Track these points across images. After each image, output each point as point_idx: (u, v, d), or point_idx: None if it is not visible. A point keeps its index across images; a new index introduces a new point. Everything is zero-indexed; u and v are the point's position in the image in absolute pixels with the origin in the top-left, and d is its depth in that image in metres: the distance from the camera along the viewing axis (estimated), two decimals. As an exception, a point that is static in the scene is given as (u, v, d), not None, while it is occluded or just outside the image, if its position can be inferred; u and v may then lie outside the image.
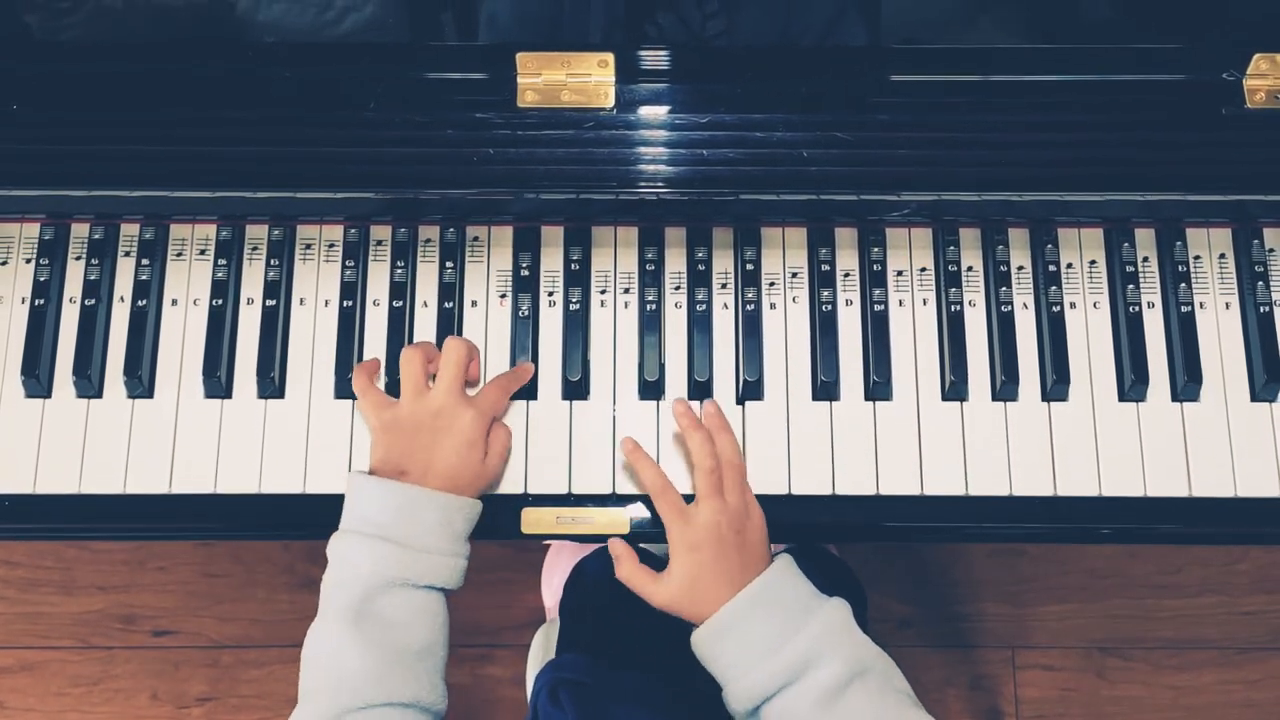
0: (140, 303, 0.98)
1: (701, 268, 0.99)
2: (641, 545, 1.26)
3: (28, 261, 0.99)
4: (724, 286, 0.99)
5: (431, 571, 0.87)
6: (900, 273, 1.00)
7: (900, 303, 0.99)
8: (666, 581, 0.90)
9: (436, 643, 0.88)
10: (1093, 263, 1.00)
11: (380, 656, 0.83)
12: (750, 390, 0.97)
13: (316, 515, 0.95)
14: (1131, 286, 0.98)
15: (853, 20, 0.95)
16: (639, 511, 0.95)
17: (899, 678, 0.86)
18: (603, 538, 0.96)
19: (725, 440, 0.93)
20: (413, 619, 0.86)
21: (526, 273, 0.99)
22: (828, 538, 1.29)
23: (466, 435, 0.90)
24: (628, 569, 0.92)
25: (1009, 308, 0.98)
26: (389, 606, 0.85)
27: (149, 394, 0.97)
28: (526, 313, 0.98)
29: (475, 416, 0.91)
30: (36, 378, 0.96)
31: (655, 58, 0.94)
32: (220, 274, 0.99)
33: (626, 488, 0.95)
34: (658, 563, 0.93)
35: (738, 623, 0.86)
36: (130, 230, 1.00)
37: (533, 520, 0.95)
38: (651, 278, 0.99)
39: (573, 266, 0.99)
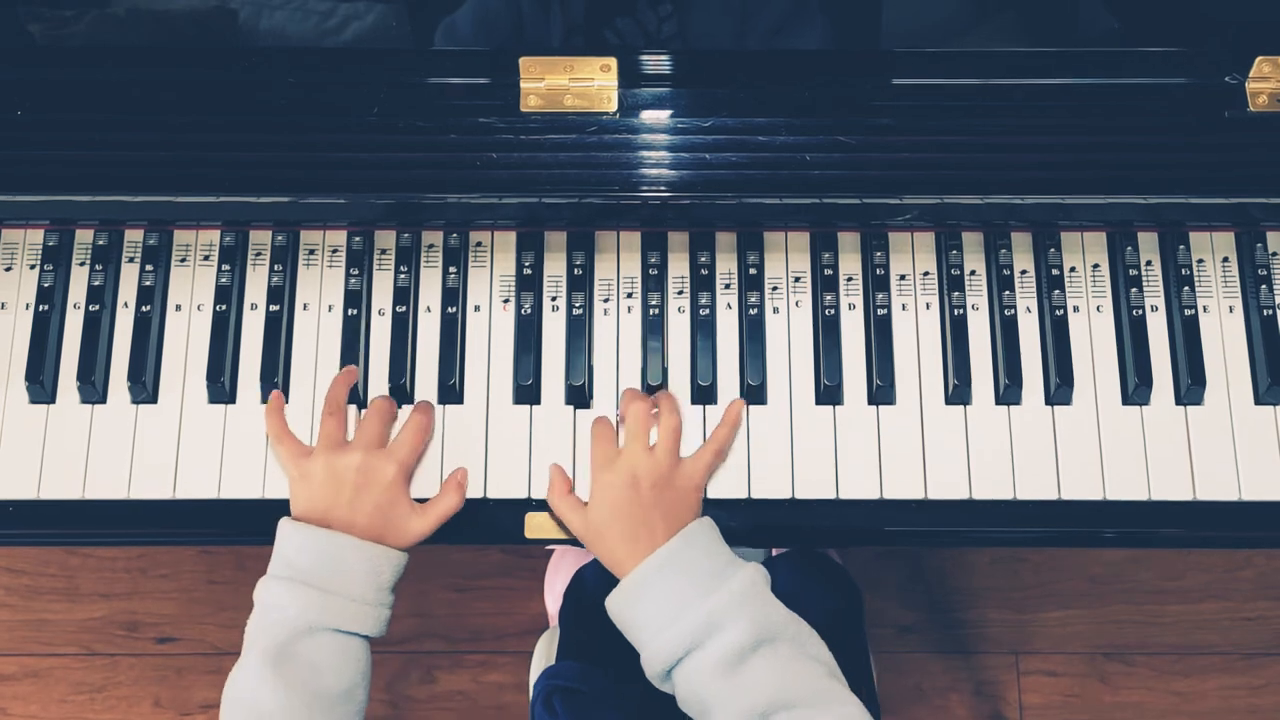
0: (144, 308, 0.98)
1: (704, 272, 0.99)
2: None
3: (32, 267, 1.00)
4: (727, 290, 0.99)
5: (356, 619, 0.87)
6: (903, 276, 1.00)
7: (903, 307, 0.99)
8: (584, 511, 0.92)
9: (357, 687, 0.88)
10: (1096, 266, 1.00)
11: (300, 699, 0.84)
12: (753, 394, 0.97)
13: (320, 520, 0.95)
14: (1135, 290, 0.98)
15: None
16: (643, 516, 0.95)
17: (816, 646, 0.86)
18: (606, 542, 0.96)
19: (665, 399, 0.94)
20: (335, 663, 0.86)
21: (529, 277, 0.99)
22: (831, 542, 1.29)
23: (389, 492, 0.90)
24: (555, 494, 0.94)
25: (1012, 311, 0.98)
26: (311, 650, 0.86)
27: (153, 399, 0.97)
28: (530, 317, 0.98)
29: (396, 471, 0.91)
30: (41, 383, 0.96)
31: (658, 62, 0.95)
32: (224, 279, 0.99)
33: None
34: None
35: (648, 585, 0.86)
36: (134, 236, 1.00)
37: (536, 525, 0.95)
38: (654, 282, 0.99)
39: (575, 271, 0.99)
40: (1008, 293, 0.98)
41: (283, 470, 0.94)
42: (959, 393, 0.96)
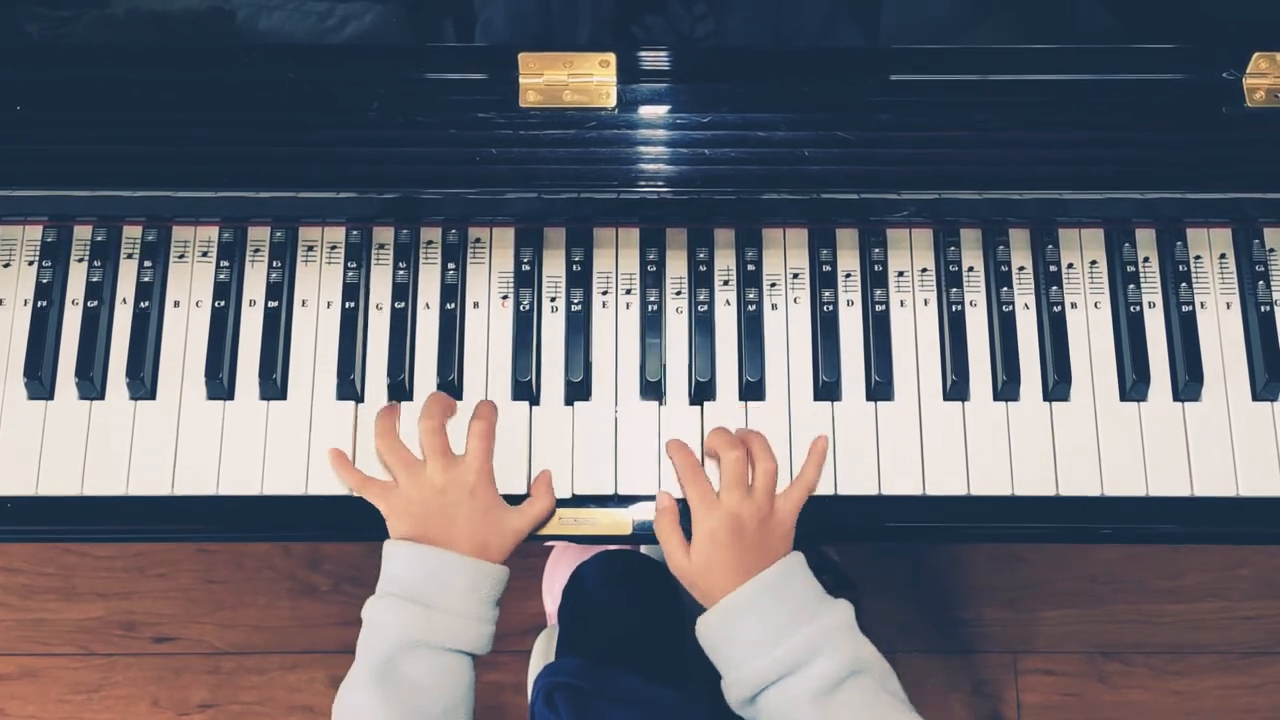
0: (142, 304, 0.98)
1: (703, 268, 0.99)
2: (643, 548, 1.27)
3: (30, 263, 1.00)
4: (725, 286, 0.99)
5: (456, 635, 0.88)
6: (901, 273, 1.00)
7: (901, 303, 0.99)
8: (687, 555, 0.91)
9: (459, 707, 0.89)
10: (1093, 263, 1.00)
11: (401, 716, 0.85)
12: (752, 391, 0.97)
13: (318, 517, 0.96)
14: (1132, 286, 0.99)
15: (845, 25, 0.95)
16: (641, 513, 0.95)
17: (894, 682, 0.88)
18: (605, 539, 0.96)
19: (757, 440, 0.94)
20: (437, 681, 0.87)
21: (528, 273, 0.99)
22: (829, 538, 1.30)
23: (481, 501, 0.91)
24: (665, 523, 0.93)
25: (1010, 308, 0.98)
26: (413, 667, 0.87)
27: (151, 396, 0.97)
28: (528, 314, 0.98)
29: (476, 477, 0.91)
30: (39, 379, 0.96)
31: (657, 57, 0.95)
32: (222, 276, 0.99)
33: (629, 488, 0.95)
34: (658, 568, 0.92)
35: (743, 611, 0.87)
36: (132, 232, 1.00)
37: (535, 522, 0.95)
38: (653, 278, 0.99)
39: (574, 267, 0.99)
40: (1006, 289, 0.99)
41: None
42: (957, 389, 0.96)
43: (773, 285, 1.00)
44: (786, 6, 0.93)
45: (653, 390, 0.97)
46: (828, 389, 0.97)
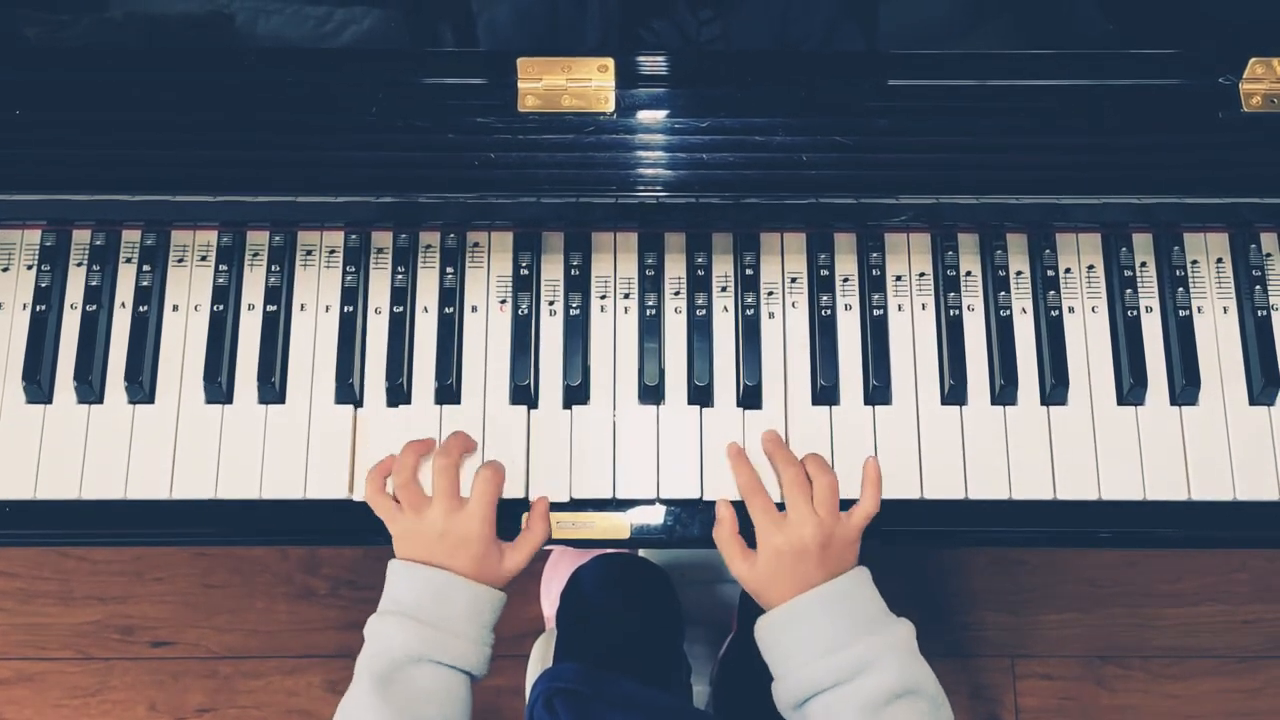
0: (141, 308, 0.98)
1: (701, 273, 0.99)
2: (641, 551, 1.27)
3: (29, 268, 1.00)
4: (724, 291, 0.99)
5: (457, 653, 0.88)
6: (899, 278, 1.00)
7: (899, 307, 0.99)
8: (750, 565, 0.91)
9: None
10: (1091, 267, 1.00)
11: None
12: (750, 395, 0.97)
13: (317, 521, 0.96)
14: (1129, 291, 0.99)
15: (849, 31, 0.95)
16: (639, 517, 0.96)
17: (947, 711, 0.87)
18: (604, 543, 0.96)
19: (813, 459, 0.94)
20: (437, 694, 0.88)
21: (526, 278, 0.99)
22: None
23: (478, 548, 0.91)
24: (725, 533, 0.93)
25: (1008, 312, 0.98)
26: (414, 678, 0.87)
27: (150, 399, 0.97)
28: (526, 318, 0.98)
29: (479, 526, 0.92)
30: (38, 383, 0.96)
31: (655, 63, 0.95)
32: (221, 280, 0.99)
33: (627, 492, 0.95)
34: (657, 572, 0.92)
35: (807, 615, 0.88)
36: (131, 236, 1.00)
37: (533, 526, 0.95)
38: (651, 283, 0.99)
39: (573, 272, 0.99)
40: (1003, 294, 0.99)
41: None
42: (955, 393, 0.97)
43: (770, 290, 1.00)
44: (792, 11, 0.93)
45: (651, 394, 0.97)
46: (826, 393, 0.97)
